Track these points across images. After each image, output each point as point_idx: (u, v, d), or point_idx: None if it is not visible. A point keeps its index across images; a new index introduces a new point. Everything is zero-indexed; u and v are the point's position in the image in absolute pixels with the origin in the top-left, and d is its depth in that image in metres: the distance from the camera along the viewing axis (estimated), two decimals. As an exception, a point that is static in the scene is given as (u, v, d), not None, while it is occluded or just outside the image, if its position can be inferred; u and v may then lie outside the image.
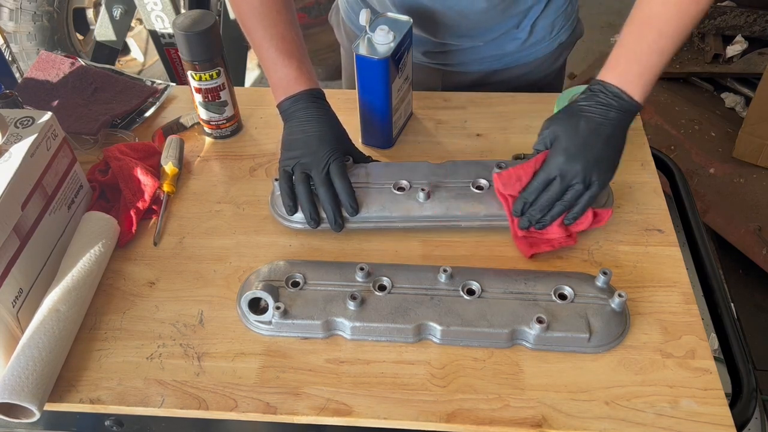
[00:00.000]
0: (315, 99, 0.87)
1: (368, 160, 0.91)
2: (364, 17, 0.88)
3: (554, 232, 0.81)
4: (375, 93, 0.92)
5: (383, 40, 0.88)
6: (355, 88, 0.94)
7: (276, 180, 0.87)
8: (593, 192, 0.79)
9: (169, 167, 0.94)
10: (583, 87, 1.01)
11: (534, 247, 0.82)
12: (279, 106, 0.88)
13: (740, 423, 0.68)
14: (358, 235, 0.87)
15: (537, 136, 1.00)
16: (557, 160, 0.78)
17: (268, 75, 0.89)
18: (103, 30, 2.17)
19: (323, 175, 0.83)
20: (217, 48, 0.94)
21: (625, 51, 0.78)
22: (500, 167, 0.84)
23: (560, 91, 1.01)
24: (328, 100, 0.90)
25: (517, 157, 0.92)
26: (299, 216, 0.86)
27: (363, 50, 0.89)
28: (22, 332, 0.74)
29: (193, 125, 1.05)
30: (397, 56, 0.90)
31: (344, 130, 0.89)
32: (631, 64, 0.78)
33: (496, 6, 0.96)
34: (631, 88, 0.77)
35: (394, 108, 0.95)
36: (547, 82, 1.13)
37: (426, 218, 0.84)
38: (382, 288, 0.77)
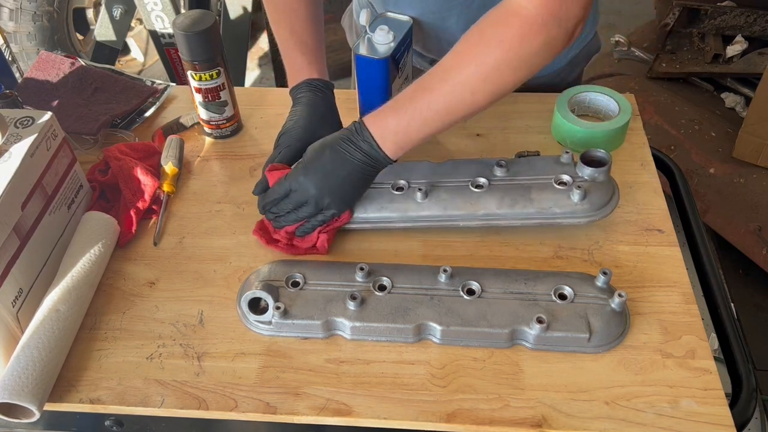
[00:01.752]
0: (311, 88, 0.90)
1: None
2: (364, 17, 0.88)
3: (281, 235, 0.84)
4: (375, 93, 0.92)
5: (383, 40, 0.88)
6: None
7: None
8: (324, 217, 0.82)
9: (169, 167, 0.94)
10: (583, 87, 1.02)
11: (269, 243, 0.85)
12: (290, 95, 0.93)
13: (740, 423, 0.68)
14: (358, 235, 0.87)
15: (536, 136, 1.01)
16: (296, 178, 0.81)
17: (285, 67, 0.94)
18: (103, 30, 2.17)
19: (274, 158, 0.87)
20: (217, 48, 0.94)
21: (395, 104, 0.78)
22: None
23: None
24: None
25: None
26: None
27: (363, 50, 0.89)
28: (22, 332, 0.74)
29: (193, 125, 1.05)
30: (397, 56, 0.90)
31: (330, 119, 0.91)
32: (391, 119, 0.77)
33: None
34: (382, 141, 0.78)
35: (394, 108, 0.95)
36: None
37: (424, 218, 0.84)
38: (382, 288, 0.77)
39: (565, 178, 0.83)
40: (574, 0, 0.69)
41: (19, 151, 0.76)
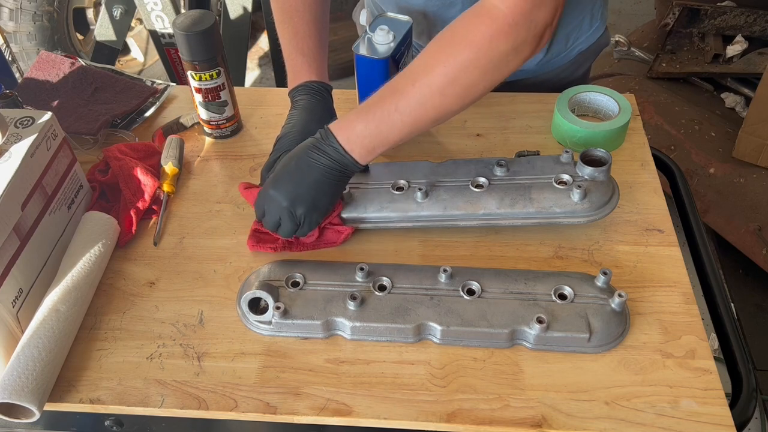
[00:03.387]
0: (310, 90, 0.89)
1: None
2: (364, 17, 0.88)
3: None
4: (375, 93, 0.92)
5: (383, 40, 0.88)
6: None
7: None
8: (304, 231, 0.80)
9: (169, 167, 0.94)
10: (583, 87, 1.01)
11: (259, 244, 0.85)
12: (289, 96, 0.93)
13: (740, 423, 0.68)
14: (358, 235, 0.87)
15: (536, 136, 1.01)
16: (266, 192, 0.79)
17: (286, 68, 0.94)
18: (103, 30, 2.17)
19: (272, 162, 0.86)
20: (217, 48, 0.94)
21: (363, 107, 0.76)
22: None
23: None
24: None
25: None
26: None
27: (363, 50, 0.89)
28: (22, 332, 0.74)
29: (193, 125, 1.05)
30: (397, 56, 0.90)
31: (327, 122, 0.89)
32: (357, 122, 0.76)
33: None
34: (349, 145, 0.76)
35: (394, 108, 0.95)
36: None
37: (424, 218, 0.84)
38: (382, 288, 0.77)
39: (565, 177, 0.83)
40: (545, 3, 0.68)
41: (19, 151, 0.76)
